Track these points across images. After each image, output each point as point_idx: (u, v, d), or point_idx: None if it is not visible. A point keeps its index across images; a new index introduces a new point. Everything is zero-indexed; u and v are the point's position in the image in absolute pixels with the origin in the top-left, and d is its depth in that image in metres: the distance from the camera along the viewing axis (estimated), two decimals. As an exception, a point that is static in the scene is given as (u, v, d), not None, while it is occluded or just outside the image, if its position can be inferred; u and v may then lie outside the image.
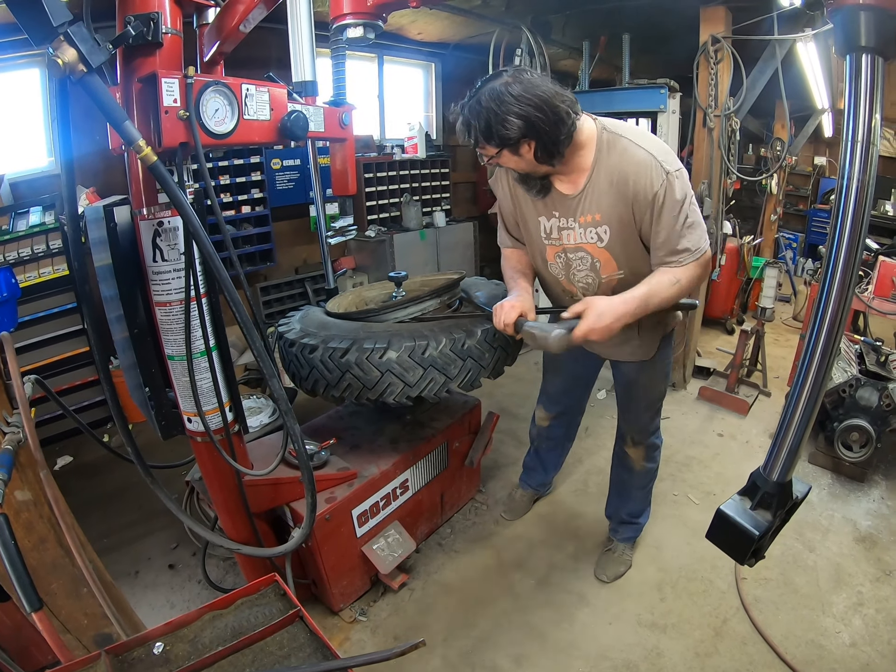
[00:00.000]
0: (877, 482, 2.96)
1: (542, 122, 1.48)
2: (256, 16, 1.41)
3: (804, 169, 7.93)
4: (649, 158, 1.57)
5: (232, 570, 2.45)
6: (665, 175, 1.56)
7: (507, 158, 1.60)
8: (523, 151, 1.55)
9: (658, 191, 1.56)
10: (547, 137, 1.51)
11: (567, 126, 1.52)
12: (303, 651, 1.02)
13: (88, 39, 1.03)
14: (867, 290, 3.30)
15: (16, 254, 3.14)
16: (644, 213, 1.62)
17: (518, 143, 1.52)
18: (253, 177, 4.34)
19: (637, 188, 1.58)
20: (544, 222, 1.81)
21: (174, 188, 1.16)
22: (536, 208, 1.80)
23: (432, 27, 4.92)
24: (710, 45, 3.40)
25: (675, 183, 1.56)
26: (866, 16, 0.70)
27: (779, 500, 0.90)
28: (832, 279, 0.77)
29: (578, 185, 1.68)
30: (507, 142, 1.51)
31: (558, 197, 1.73)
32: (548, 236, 1.83)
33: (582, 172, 1.66)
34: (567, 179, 1.69)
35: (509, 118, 1.46)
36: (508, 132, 1.48)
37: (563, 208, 1.73)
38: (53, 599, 1.35)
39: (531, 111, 1.46)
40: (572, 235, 1.76)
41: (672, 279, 1.63)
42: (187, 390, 1.53)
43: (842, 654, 2.01)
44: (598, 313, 1.55)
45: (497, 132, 1.49)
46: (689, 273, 1.64)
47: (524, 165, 1.62)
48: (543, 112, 1.47)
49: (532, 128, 1.48)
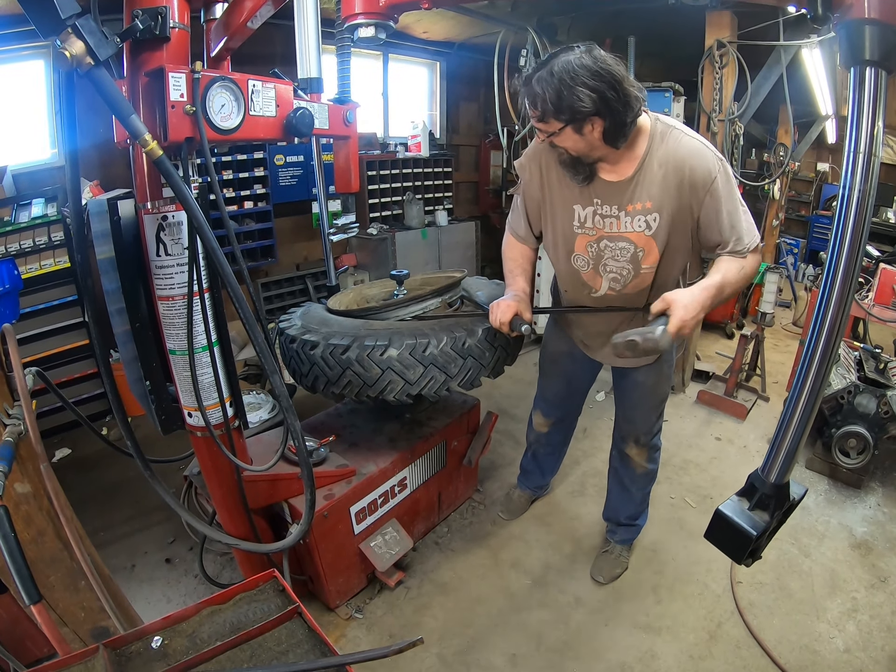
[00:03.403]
0: (873, 489, 2.97)
1: (614, 100, 1.46)
2: (265, 13, 1.41)
3: (807, 175, 7.93)
4: (704, 148, 1.61)
5: (229, 565, 2.45)
6: (720, 162, 1.60)
7: (567, 137, 1.56)
8: (587, 131, 1.53)
9: (717, 175, 1.58)
10: (617, 117, 1.50)
11: (634, 111, 1.52)
12: (301, 647, 1.02)
13: (96, 32, 1.03)
14: (867, 297, 3.31)
15: (17, 245, 3.13)
16: (703, 200, 1.62)
17: (585, 120, 1.50)
18: (256, 172, 4.34)
19: (695, 173, 1.60)
20: (579, 210, 1.77)
21: (179, 182, 1.17)
22: (573, 195, 1.77)
23: (438, 26, 4.92)
24: (716, 49, 3.40)
25: (728, 170, 1.61)
26: (871, 30, 0.71)
27: (776, 502, 0.92)
28: (832, 285, 0.78)
29: (626, 173, 1.66)
30: (577, 115, 1.48)
31: (602, 184, 1.70)
32: (581, 225, 1.79)
33: (632, 160, 1.65)
34: (613, 168, 1.68)
35: (583, 91, 1.44)
36: (581, 105, 1.45)
37: (608, 195, 1.71)
38: (51, 592, 1.35)
39: (605, 87, 1.45)
40: (616, 224, 1.73)
41: (739, 266, 1.63)
42: (188, 385, 1.53)
43: (835, 660, 2.01)
44: (683, 306, 1.49)
45: (569, 104, 1.46)
46: (752, 261, 1.65)
47: (582, 146, 1.59)
48: (616, 91, 1.46)
49: (605, 104, 1.47)
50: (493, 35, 4.40)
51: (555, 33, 4.31)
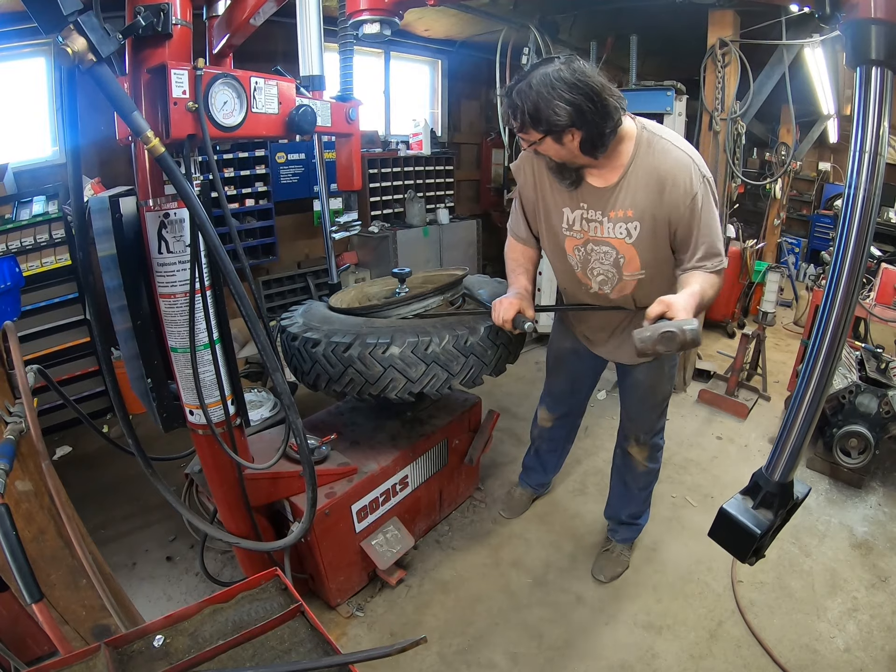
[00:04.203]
0: (874, 489, 2.97)
1: (591, 112, 1.48)
2: (267, 10, 1.40)
3: (808, 174, 7.92)
4: (689, 161, 1.60)
5: (230, 563, 2.45)
6: (703, 178, 1.59)
7: (549, 146, 1.58)
8: (566, 140, 1.54)
9: (698, 192, 1.58)
10: (594, 128, 1.51)
11: (614, 121, 1.53)
12: (303, 646, 1.02)
13: (98, 29, 1.03)
14: (869, 297, 3.31)
15: (19, 243, 3.13)
16: (682, 214, 1.62)
17: (564, 131, 1.51)
18: (257, 170, 4.33)
19: (676, 188, 1.59)
20: (568, 213, 1.80)
21: (181, 180, 1.16)
22: (562, 198, 1.79)
23: (439, 24, 4.91)
24: (718, 48, 3.39)
25: (710, 187, 1.61)
26: (878, 29, 0.71)
27: (780, 500, 0.92)
28: (837, 282, 0.78)
29: (612, 180, 1.67)
30: (554, 128, 1.50)
31: (589, 189, 1.72)
32: (569, 227, 1.82)
33: (617, 168, 1.66)
34: (600, 173, 1.69)
35: (559, 104, 1.45)
36: (557, 118, 1.47)
37: (593, 200, 1.72)
38: (52, 591, 1.35)
39: (582, 100, 1.46)
40: (600, 229, 1.75)
41: (712, 281, 1.64)
42: (190, 383, 1.53)
43: (836, 659, 2.01)
44: (683, 308, 1.44)
45: (546, 117, 1.48)
46: (721, 279, 1.66)
47: (564, 154, 1.61)
48: (593, 102, 1.47)
49: (581, 117, 1.48)
50: (494, 33, 4.39)
51: (557, 31, 4.31)
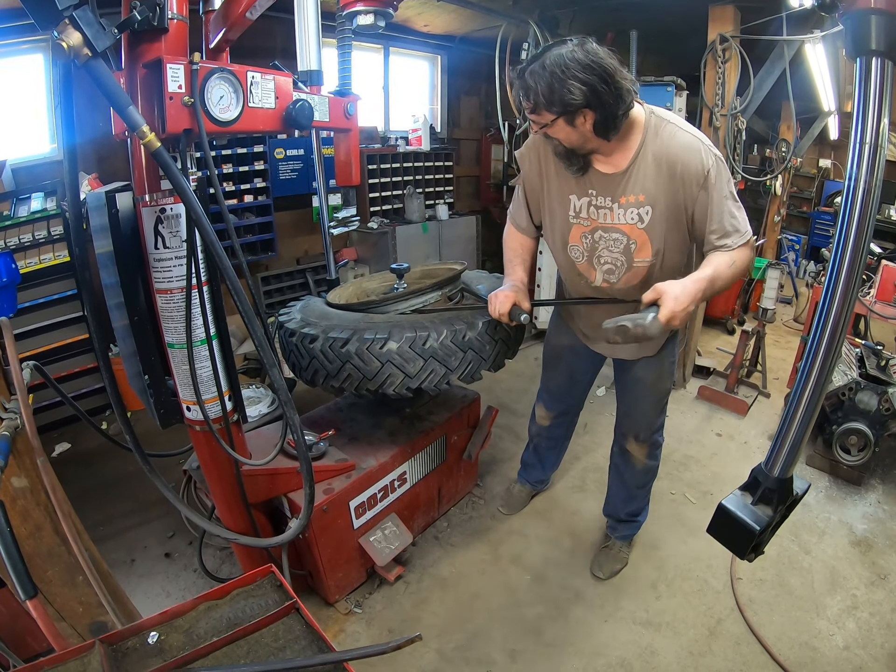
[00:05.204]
0: (874, 486, 2.97)
1: (605, 93, 1.47)
2: (264, 3, 1.39)
3: (809, 171, 7.90)
4: (697, 143, 1.61)
5: (228, 559, 2.45)
6: (713, 156, 1.59)
7: (560, 128, 1.58)
8: (578, 122, 1.54)
9: (710, 170, 1.58)
10: (608, 110, 1.51)
11: (626, 103, 1.53)
12: (298, 643, 1.01)
13: (94, 23, 1.02)
14: (869, 293, 3.30)
15: (16, 239, 3.13)
16: (696, 195, 1.62)
17: (577, 113, 1.51)
18: (256, 166, 4.32)
19: (688, 169, 1.59)
20: (575, 200, 1.79)
21: (177, 175, 1.15)
22: (569, 185, 1.78)
23: (439, 20, 4.89)
24: (718, 44, 3.39)
25: (722, 165, 1.60)
26: (878, 20, 0.70)
27: (779, 496, 0.92)
28: (837, 276, 0.78)
29: (621, 165, 1.67)
30: (568, 108, 1.49)
31: (597, 175, 1.71)
32: (576, 215, 1.80)
33: (626, 153, 1.66)
34: (608, 159, 1.68)
35: (574, 84, 1.45)
36: (572, 97, 1.46)
37: (602, 187, 1.72)
38: (49, 587, 1.35)
39: (596, 81, 1.45)
40: (609, 215, 1.74)
41: (729, 261, 1.62)
42: (187, 378, 1.52)
43: (835, 657, 2.01)
44: (674, 297, 1.47)
45: (560, 97, 1.47)
46: (742, 255, 1.64)
47: (575, 138, 1.60)
48: (607, 84, 1.47)
49: (596, 97, 1.47)
50: (494, 29, 4.37)
51: (556, 27, 4.28)
